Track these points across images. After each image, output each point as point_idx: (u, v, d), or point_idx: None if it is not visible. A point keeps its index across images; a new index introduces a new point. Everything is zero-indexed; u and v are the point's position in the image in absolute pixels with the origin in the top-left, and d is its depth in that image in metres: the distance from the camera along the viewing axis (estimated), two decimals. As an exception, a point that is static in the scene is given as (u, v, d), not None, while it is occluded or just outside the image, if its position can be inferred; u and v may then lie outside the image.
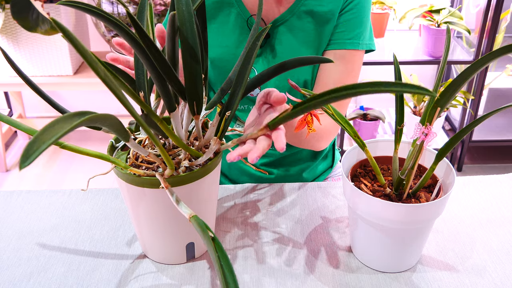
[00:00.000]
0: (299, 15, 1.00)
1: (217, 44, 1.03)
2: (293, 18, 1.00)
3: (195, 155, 0.70)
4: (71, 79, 2.23)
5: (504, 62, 2.52)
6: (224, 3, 1.01)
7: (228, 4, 1.01)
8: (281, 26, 1.01)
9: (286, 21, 1.00)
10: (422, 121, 0.72)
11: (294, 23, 1.00)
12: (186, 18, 0.65)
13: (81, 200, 0.93)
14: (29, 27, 1.90)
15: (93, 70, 0.47)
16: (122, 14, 2.01)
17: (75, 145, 0.65)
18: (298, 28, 1.01)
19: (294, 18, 1.00)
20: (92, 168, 2.39)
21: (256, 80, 0.74)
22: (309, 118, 0.72)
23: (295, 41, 1.01)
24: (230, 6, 1.01)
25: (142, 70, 0.73)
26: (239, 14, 1.01)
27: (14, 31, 2.11)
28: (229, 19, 1.02)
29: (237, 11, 1.01)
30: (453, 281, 0.75)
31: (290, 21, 1.00)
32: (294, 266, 0.78)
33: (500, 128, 2.48)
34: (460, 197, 0.94)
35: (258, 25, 0.74)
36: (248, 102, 1.07)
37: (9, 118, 0.65)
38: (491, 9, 2.04)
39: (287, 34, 1.01)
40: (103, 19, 0.57)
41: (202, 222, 0.61)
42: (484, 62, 0.62)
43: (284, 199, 0.94)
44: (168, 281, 0.75)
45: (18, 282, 0.75)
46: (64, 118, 0.45)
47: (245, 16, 1.01)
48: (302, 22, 1.01)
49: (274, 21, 1.00)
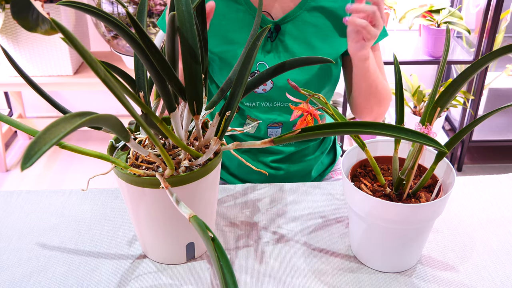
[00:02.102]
0: (310, 10, 1.01)
1: (227, 41, 1.03)
2: (304, 13, 1.01)
3: (195, 155, 0.70)
4: (71, 79, 2.23)
5: (504, 62, 2.52)
6: (230, 0, 1.01)
7: (235, 1, 1.01)
8: (291, 21, 1.01)
9: (297, 17, 1.01)
10: (422, 121, 0.72)
11: (305, 19, 1.01)
12: (186, 18, 0.65)
13: (81, 200, 0.93)
14: (29, 27, 1.90)
15: (93, 70, 0.47)
16: (122, 14, 2.01)
17: (75, 145, 0.65)
18: (310, 23, 1.02)
19: (304, 14, 1.01)
20: (92, 168, 2.39)
21: (256, 80, 0.74)
22: (309, 118, 0.73)
23: (308, 37, 1.02)
24: (237, 3, 1.02)
25: (142, 70, 0.73)
26: (246, 11, 1.01)
27: (14, 31, 2.11)
28: (237, 16, 1.02)
29: (245, 8, 1.01)
30: (453, 281, 0.75)
31: (301, 17, 1.01)
32: (294, 266, 0.78)
33: (500, 128, 2.48)
34: (460, 197, 0.94)
35: (258, 26, 0.74)
36: (258, 99, 1.07)
37: (9, 118, 0.65)
38: (491, 9, 2.04)
39: (299, 29, 1.02)
40: (103, 19, 0.57)
41: (202, 222, 0.61)
42: (484, 62, 0.62)
43: (284, 199, 0.94)
44: (168, 281, 0.75)
45: (18, 282, 0.75)
46: (65, 119, 0.45)
47: (253, 13, 1.01)
48: (313, 18, 1.02)
49: (284, 17, 1.01)
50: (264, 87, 1.04)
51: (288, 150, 1.14)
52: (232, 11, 1.02)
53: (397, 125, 0.58)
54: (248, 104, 1.08)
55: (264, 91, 1.05)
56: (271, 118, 1.09)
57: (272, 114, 1.08)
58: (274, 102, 1.07)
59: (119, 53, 2.15)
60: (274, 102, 1.07)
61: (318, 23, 1.02)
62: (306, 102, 0.74)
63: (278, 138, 0.66)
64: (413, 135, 0.58)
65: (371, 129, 0.59)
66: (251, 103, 1.08)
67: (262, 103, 1.07)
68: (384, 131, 0.59)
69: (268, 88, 1.04)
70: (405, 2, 2.33)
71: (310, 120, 0.73)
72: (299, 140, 0.64)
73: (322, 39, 1.03)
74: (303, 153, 1.16)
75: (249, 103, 1.08)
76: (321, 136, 0.63)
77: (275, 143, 0.66)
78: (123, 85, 0.58)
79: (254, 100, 1.07)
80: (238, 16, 1.02)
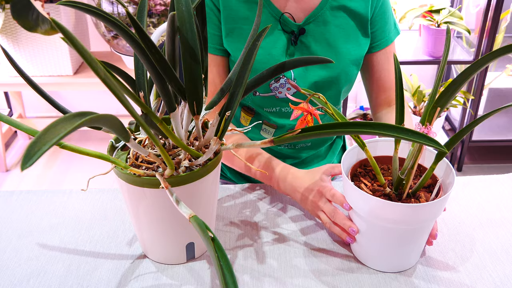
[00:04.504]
0: (331, 10, 1.00)
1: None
2: (325, 14, 1.00)
3: (195, 155, 0.70)
4: (71, 79, 2.23)
5: (504, 62, 2.52)
6: (251, 1, 0.99)
7: (256, 4, 0.98)
8: (313, 22, 1.00)
9: (318, 17, 1.00)
10: (422, 121, 0.72)
11: (327, 19, 1.00)
12: (186, 18, 0.65)
13: (81, 200, 0.93)
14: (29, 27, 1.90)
15: (93, 70, 0.47)
16: (122, 14, 2.01)
17: (75, 145, 0.65)
18: (332, 23, 1.00)
19: (326, 14, 1.00)
20: (92, 168, 2.39)
21: (257, 80, 0.74)
22: (308, 118, 0.73)
23: (330, 38, 1.01)
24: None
25: (142, 70, 0.73)
26: (270, 13, 1.00)
27: (14, 31, 2.11)
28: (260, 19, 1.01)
29: (268, 11, 0.99)
30: (453, 281, 0.75)
31: (323, 17, 1.00)
32: (293, 266, 0.78)
33: (500, 128, 2.48)
34: (460, 197, 0.94)
35: (258, 26, 0.74)
36: (279, 104, 1.05)
37: (9, 118, 0.65)
38: (491, 9, 2.04)
39: (321, 30, 1.01)
40: (103, 19, 0.57)
41: (202, 222, 0.61)
42: (484, 62, 0.62)
43: (284, 199, 0.94)
44: (168, 281, 0.75)
45: (18, 282, 0.75)
46: (65, 119, 0.45)
47: (276, 15, 0.99)
48: (335, 17, 1.00)
49: (307, 18, 1.00)
50: (287, 91, 1.03)
51: (305, 155, 1.14)
52: (254, 14, 0.99)
53: (397, 125, 0.59)
54: (268, 109, 1.06)
55: (286, 96, 1.04)
56: (292, 124, 1.08)
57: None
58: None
59: (119, 53, 2.15)
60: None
61: (340, 23, 1.01)
62: (306, 101, 0.74)
63: (278, 138, 0.66)
64: (413, 135, 0.58)
65: (371, 129, 0.60)
66: (271, 108, 1.06)
67: (283, 108, 1.06)
68: (384, 131, 0.59)
69: (291, 92, 1.03)
70: (405, 2, 2.33)
71: (310, 120, 0.73)
72: (298, 140, 0.64)
73: (344, 40, 1.01)
74: (316, 154, 1.16)
75: (269, 108, 1.06)
76: (321, 136, 0.63)
77: (275, 143, 0.66)
78: (123, 85, 0.58)
79: (275, 105, 1.05)
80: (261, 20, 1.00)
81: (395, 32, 1.09)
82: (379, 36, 1.05)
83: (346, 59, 1.02)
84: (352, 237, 0.79)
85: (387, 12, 1.05)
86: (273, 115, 1.07)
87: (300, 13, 1.00)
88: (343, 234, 0.81)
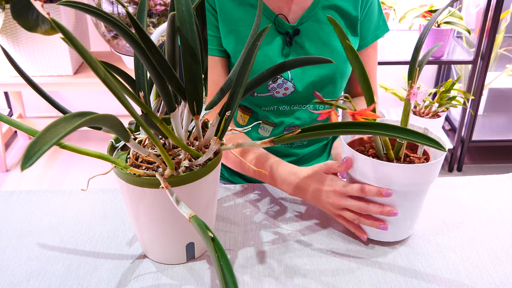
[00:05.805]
0: (323, 10, 1.01)
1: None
2: (318, 13, 1.01)
3: (195, 155, 0.70)
4: (71, 79, 2.23)
5: (504, 62, 2.52)
6: (245, 4, 1.00)
7: (250, 6, 1.00)
8: (307, 22, 1.01)
9: (311, 17, 1.01)
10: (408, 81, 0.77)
11: (319, 18, 1.02)
12: (186, 18, 0.65)
13: (81, 200, 0.93)
14: (29, 27, 1.90)
15: (93, 70, 0.47)
16: (122, 14, 2.01)
17: (75, 145, 0.65)
18: (325, 22, 1.02)
19: (319, 13, 1.01)
20: (92, 168, 2.39)
21: (256, 80, 0.74)
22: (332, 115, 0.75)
23: (325, 35, 1.02)
24: (253, 7, 1.00)
25: (142, 70, 0.73)
26: (264, 15, 1.01)
27: (14, 31, 2.11)
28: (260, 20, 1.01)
29: (262, 13, 0.99)
30: (453, 281, 0.75)
31: (315, 17, 1.01)
32: (294, 265, 0.78)
33: (500, 128, 2.48)
34: (460, 197, 0.94)
35: (258, 27, 0.74)
36: (276, 103, 1.06)
37: (9, 118, 0.65)
38: (491, 9, 2.04)
39: (315, 29, 1.02)
40: (103, 19, 0.57)
41: (202, 222, 0.61)
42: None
43: (284, 199, 0.94)
44: (168, 281, 0.75)
45: (18, 282, 0.75)
46: (65, 119, 0.45)
47: (270, 16, 1.01)
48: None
49: (301, 19, 1.01)
50: (285, 91, 1.04)
51: (301, 152, 1.14)
52: (249, 16, 1.00)
53: (397, 125, 0.59)
54: (266, 108, 1.07)
55: (284, 95, 1.05)
56: (289, 122, 1.09)
57: (290, 117, 1.09)
58: (292, 106, 1.07)
59: (119, 53, 2.15)
60: (292, 106, 1.07)
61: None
62: (333, 109, 0.75)
63: (278, 138, 0.66)
64: (413, 135, 0.58)
65: (371, 129, 0.60)
66: (269, 107, 1.07)
67: (281, 107, 1.07)
68: (384, 131, 0.59)
69: (289, 92, 1.04)
70: (405, 2, 2.33)
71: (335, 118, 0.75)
72: (298, 140, 0.64)
73: (337, 38, 1.02)
74: (312, 153, 1.17)
75: (267, 107, 1.07)
76: (321, 136, 0.63)
77: (275, 143, 0.66)
78: (123, 85, 0.58)
79: (273, 104, 1.07)
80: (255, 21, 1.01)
81: (384, 29, 1.11)
82: (365, 35, 1.08)
83: (341, 56, 1.03)
84: (386, 224, 0.79)
85: (375, 11, 1.07)
86: (271, 114, 1.08)
87: (293, 14, 1.02)
88: (375, 224, 0.79)
